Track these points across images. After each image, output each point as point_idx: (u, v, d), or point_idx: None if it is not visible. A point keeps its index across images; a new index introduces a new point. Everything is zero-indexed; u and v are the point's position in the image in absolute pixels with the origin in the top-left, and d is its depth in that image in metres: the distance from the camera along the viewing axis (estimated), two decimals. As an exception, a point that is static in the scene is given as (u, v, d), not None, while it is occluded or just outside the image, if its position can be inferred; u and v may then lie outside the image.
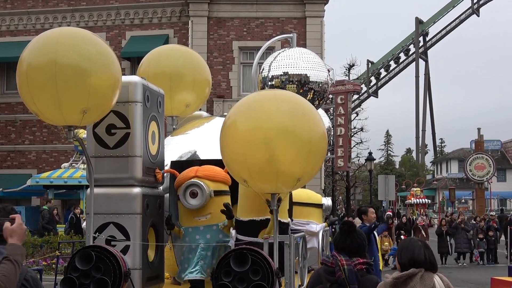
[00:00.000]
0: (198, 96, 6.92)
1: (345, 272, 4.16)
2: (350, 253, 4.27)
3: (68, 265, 4.72)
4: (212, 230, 5.45)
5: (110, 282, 4.62)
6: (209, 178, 5.39)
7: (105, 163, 5.18)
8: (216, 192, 5.43)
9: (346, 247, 4.28)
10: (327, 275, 4.22)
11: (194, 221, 5.45)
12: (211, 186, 5.40)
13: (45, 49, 4.50)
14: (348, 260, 4.22)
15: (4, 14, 27.49)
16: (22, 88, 4.58)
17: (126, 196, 5.16)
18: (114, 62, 4.72)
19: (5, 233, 3.11)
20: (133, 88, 5.20)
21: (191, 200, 5.34)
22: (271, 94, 4.71)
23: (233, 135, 4.54)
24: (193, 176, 5.41)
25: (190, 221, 5.48)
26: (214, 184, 5.43)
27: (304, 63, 6.58)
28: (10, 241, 3.10)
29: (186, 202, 5.36)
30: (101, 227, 5.12)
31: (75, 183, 19.94)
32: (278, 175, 4.46)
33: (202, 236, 5.44)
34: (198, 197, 5.32)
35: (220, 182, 5.46)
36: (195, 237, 5.45)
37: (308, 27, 25.05)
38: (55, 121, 4.75)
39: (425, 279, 3.66)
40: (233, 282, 4.53)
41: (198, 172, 5.43)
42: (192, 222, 5.47)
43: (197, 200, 5.33)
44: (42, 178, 20.77)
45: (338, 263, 4.19)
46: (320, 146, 4.66)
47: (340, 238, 4.35)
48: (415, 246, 3.77)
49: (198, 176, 5.40)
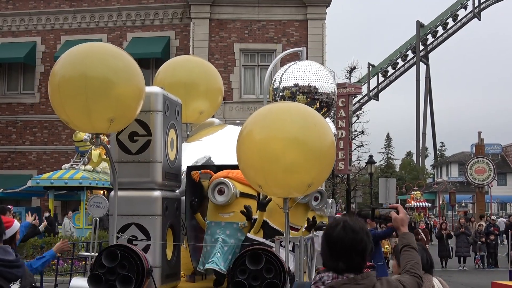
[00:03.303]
0: (211, 104, 7.30)
1: None
2: None
3: (94, 263, 5.08)
4: (232, 228, 5.81)
5: (134, 278, 4.98)
6: (239, 181, 5.79)
7: (128, 168, 5.54)
8: (242, 194, 5.80)
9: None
10: None
11: (218, 217, 5.83)
12: (239, 187, 5.78)
13: (76, 63, 4.84)
14: None
15: (6, 15, 27.54)
16: (54, 98, 4.93)
17: (147, 199, 5.52)
18: (139, 74, 5.08)
19: (397, 223, 3.36)
20: (155, 98, 5.57)
21: (218, 196, 5.74)
22: (285, 106, 5.12)
23: (249, 144, 4.90)
24: (225, 176, 5.82)
25: (215, 216, 5.85)
26: (242, 187, 5.80)
27: (313, 75, 7.01)
28: (402, 230, 3.37)
29: (213, 198, 5.75)
30: (123, 228, 5.50)
31: (75, 184, 19.92)
32: (291, 181, 4.84)
33: (222, 231, 5.81)
34: (224, 195, 5.72)
35: (248, 186, 5.81)
36: (216, 231, 5.84)
37: (310, 30, 25.14)
38: (84, 129, 5.13)
39: (425, 281, 3.70)
40: (248, 280, 4.89)
41: (230, 174, 5.84)
42: (216, 217, 5.85)
43: (223, 197, 5.72)
44: (42, 179, 20.73)
45: None
46: (329, 154, 5.02)
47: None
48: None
49: (230, 177, 5.81)
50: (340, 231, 3.00)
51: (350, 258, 2.98)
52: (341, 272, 2.99)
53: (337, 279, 2.98)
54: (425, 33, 71.83)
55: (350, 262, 2.99)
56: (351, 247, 2.98)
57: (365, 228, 3.07)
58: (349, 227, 3.00)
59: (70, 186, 20.32)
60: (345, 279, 2.97)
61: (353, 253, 2.98)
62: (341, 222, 3.05)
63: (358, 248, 2.99)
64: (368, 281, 2.98)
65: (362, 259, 3.02)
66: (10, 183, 24.56)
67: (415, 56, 71.96)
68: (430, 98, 79.41)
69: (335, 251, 3.00)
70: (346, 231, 2.99)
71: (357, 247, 2.98)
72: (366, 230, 3.06)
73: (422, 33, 71.48)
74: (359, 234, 3.00)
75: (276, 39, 25.34)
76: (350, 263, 2.99)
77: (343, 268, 2.99)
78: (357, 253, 2.99)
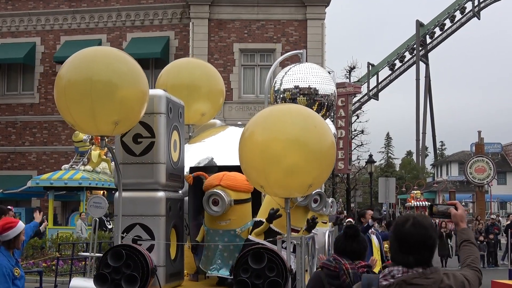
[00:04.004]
0: (213, 105, 7.42)
1: (350, 276, 4.24)
2: (352, 257, 4.37)
3: (100, 262, 5.18)
4: (230, 235, 6.00)
5: (139, 277, 5.08)
6: (231, 188, 5.92)
7: (132, 169, 5.65)
8: (237, 201, 5.95)
9: (351, 251, 4.40)
10: (330, 279, 4.31)
11: (216, 224, 6.00)
12: (233, 195, 5.91)
13: (82, 67, 4.94)
14: (351, 264, 4.31)
15: (5, 16, 27.52)
16: (60, 102, 5.03)
17: (151, 200, 5.63)
18: (143, 77, 5.18)
19: (456, 219, 3.47)
20: (158, 100, 5.67)
21: (213, 207, 5.88)
22: (285, 108, 5.24)
23: (251, 145, 5.01)
24: (217, 185, 5.92)
25: (213, 223, 6.03)
26: (235, 194, 5.94)
27: (314, 77, 7.13)
28: (462, 226, 3.49)
29: (209, 209, 5.90)
30: (128, 228, 5.61)
31: (75, 184, 19.94)
32: (292, 181, 4.94)
33: (220, 239, 6.00)
34: (219, 206, 5.85)
35: (241, 192, 5.97)
36: (214, 238, 6.03)
37: (309, 30, 25.12)
38: (90, 131, 5.23)
39: None
40: (251, 278, 5.00)
41: (222, 181, 5.94)
42: (214, 225, 6.02)
43: (218, 208, 5.87)
44: (42, 180, 20.73)
45: (342, 267, 4.28)
46: (329, 154, 5.13)
47: (346, 242, 4.46)
48: None
49: (222, 185, 5.92)
50: (410, 227, 3.13)
51: (420, 253, 3.11)
52: (411, 266, 3.11)
53: (408, 273, 3.10)
54: (425, 32, 71.89)
55: (420, 257, 3.12)
56: (421, 242, 3.11)
57: (433, 225, 3.23)
58: (418, 223, 3.14)
59: (70, 187, 20.35)
60: (415, 273, 3.10)
61: (423, 248, 3.12)
62: (411, 218, 3.18)
63: (428, 244, 3.12)
64: (437, 275, 3.12)
65: (430, 253, 3.16)
66: (9, 184, 24.57)
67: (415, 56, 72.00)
68: (430, 97, 79.49)
69: (405, 246, 3.12)
70: (416, 227, 3.13)
71: (427, 242, 3.12)
72: (434, 227, 3.23)
73: (422, 32, 71.53)
74: (428, 230, 3.14)
75: (275, 39, 25.38)
76: (420, 257, 3.12)
77: (413, 263, 3.11)
78: (427, 248, 3.13)
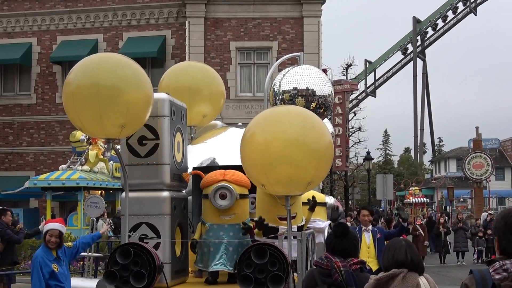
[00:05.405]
0: (214, 107, 7.66)
1: (342, 274, 4.24)
2: (344, 255, 4.36)
3: (109, 260, 5.40)
4: (235, 229, 6.14)
5: (147, 274, 5.31)
6: (236, 183, 6.09)
7: (138, 170, 5.88)
8: (241, 195, 6.12)
9: (342, 249, 4.36)
10: (323, 277, 4.31)
11: (220, 219, 6.13)
12: (237, 190, 6.08)
13: (88, 73, 5.16)
14: (343, 262, 4.30)
15: (1, 16, 27.40)
16: (68, 106, 5.25)
17: (156, 199, 5.85)
18: (147, 81, 5.39)
19: None
20: (162, 103, 5.90)
21: (221, 201, 6.02)
22: (284, 110, 5.49)
23: (252, 145, 5.24)
24: (221, 180, 6.09)
25: (216, 218, 6.14)
26: (239, 188, 6.11)
27: (311, 79, 7.37)
28: None
29: (216, 203, 6.02)
30: (134, 227, 5.83)
31: (73, 184, 19.75)
32: (292, 179, 5.17)
33: (225, 233, 6.12)
34: (227, 199, 6.01)
35: (243, 187, 6.16)
36: (219, 233, 6.14)
37: (305, 27, 25.04)
38: (97, 134, 5.45)
39: (408, 280, 3.55)
40: (254, 273, 5.23)
41: (226, 176, 6.12)
42: (217, 220, 6.14)
43: (226, 201, 6.01)
44: (40, 180, 20.43)
45: (334, 266, 4.27)
46: (327, 153, 5.37)
47: (335, 241, 4.41)
48: (397, 247, 3.69)
49: (226, 180, 6.09)
50: None
51: None
52: None
53: None
54: (422, 28, 72.07)
55: None
56: None
57: None
58: None
59: (68, 187, 20.22)
60: None
61: None
62: None
63: None
64: None
65: None
66: (7, 185, 24.37)
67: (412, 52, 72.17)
68: (428, 93, 79.61)
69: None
70: None
71: None
72: None
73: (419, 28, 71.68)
74: None
75: (271, 37, 25.46)
76: None
77: None
78: None
